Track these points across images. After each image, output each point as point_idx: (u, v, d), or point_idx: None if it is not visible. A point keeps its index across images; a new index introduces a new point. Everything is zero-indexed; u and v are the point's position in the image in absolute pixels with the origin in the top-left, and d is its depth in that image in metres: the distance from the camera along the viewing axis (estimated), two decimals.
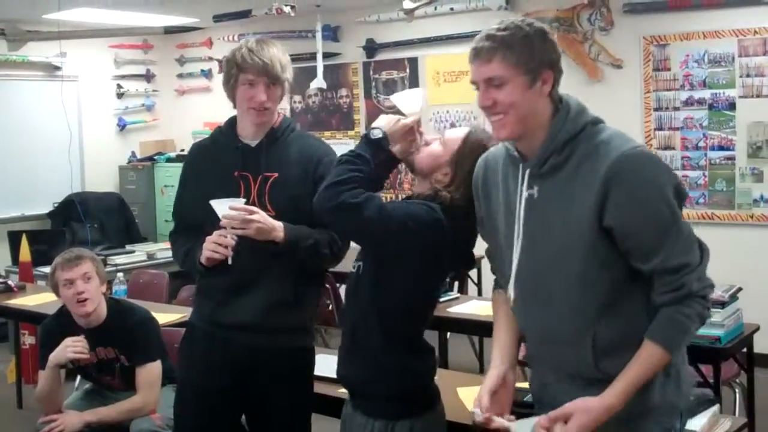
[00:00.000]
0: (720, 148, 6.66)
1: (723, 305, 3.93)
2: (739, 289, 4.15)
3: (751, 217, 6.59)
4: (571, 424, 2.22)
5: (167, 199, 8.78)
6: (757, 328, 4.33)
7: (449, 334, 5.45)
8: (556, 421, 2.24)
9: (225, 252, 3.00)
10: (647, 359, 2.23)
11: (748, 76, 6.50)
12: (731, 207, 6.62)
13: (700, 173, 6.75)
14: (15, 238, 7.55)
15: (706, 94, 6.68)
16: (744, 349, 4.32)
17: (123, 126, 9.63)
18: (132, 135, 9.71)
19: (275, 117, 3.23)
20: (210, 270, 3.11)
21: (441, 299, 5.13)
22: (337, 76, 8.72)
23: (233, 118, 3.27)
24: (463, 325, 5.06)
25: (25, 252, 6.99)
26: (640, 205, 2.19)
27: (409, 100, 2.86)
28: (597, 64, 7.16)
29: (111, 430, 3.99)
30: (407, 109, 2.81)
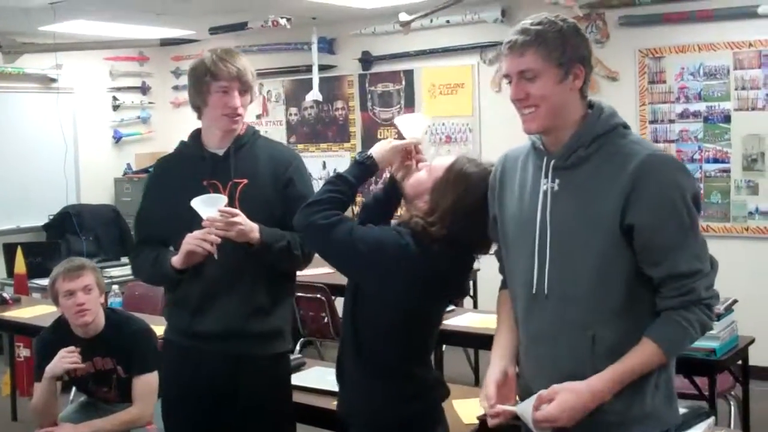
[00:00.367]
0: (715, 160, 6.66)
1: (718, 317, 3.93)
2: (735, 302, 4.15)
3: (746, 230, 6.60)
4: (554, 402, 2.22)
5: None
6: (753, 340, 4.33)
7: (445, 346, 5.45)
8: (544, 401, 2.24)
9: (210, 249, 2.99)
10: (641, 356, 2.23)
11: (743, 88, 6.50)
12: (726, 220, 6.62)
13: None
14: (10, 250, 7.54)
15: (701, 106, 6.69)
16: (739, 362, 4.32)
17: (118, 138, 9.62)
18: (127, 147, 9.69)
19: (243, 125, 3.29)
20: (181, 274, 3.10)
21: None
22: (333, 88, 8.71)
23: (197, 130, 3.32)
24: (459, 338, 5.04)
25: (21, 264, 7.00)
26: (663, 205, 2.21)
27: (412, 124, 2.90)
28: (593, 76, 7.14)
29: None
30: (408, 133, 2.84)
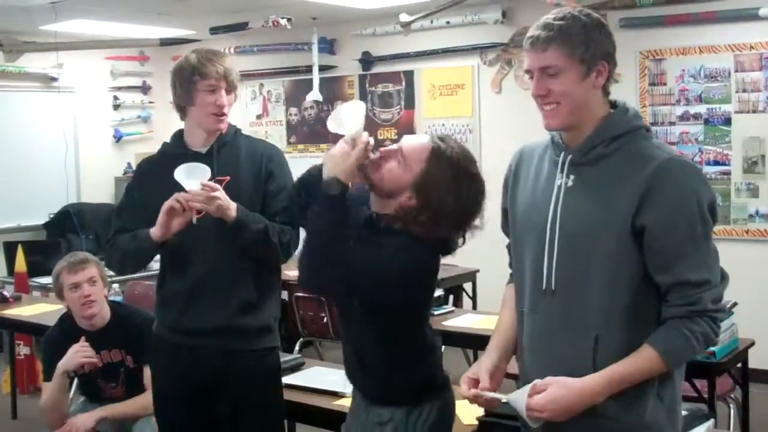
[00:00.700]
0: (716, 163, 6.67)
1: None
2: (735, 304, 4.15)
3: (747, 232, 6.60)
4: (544, 393, 2.19)
5: None
6: (752, 343, 4.34)
7: (444, 347, 5.44)
8: (538, 391, 2.21)
9: (185, 204, 3.02)
10: (640, 362, 2.19)
11: (744, 91, 6.51)
12: (727, 222, 6.61)
13: None
14: (11, 248, 7.55)
15: (701, 109, 6.70)
16: (739, 364, 4.32)
17: (119, 137, 9.62)
18: (128, 146, 9.68)
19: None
20: (159, 246, 3.13)
21: (436, 313, 5.15)
22: (333, 88, 8.71)
23: (179, 130, 3.41)
24: (458, 339, 5.05)
25: (21, 263, 7.01)
26: (678, 209, 2.18)
27: (346, 119, 2.57)
28: None
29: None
30: (348, 130, 2.54)
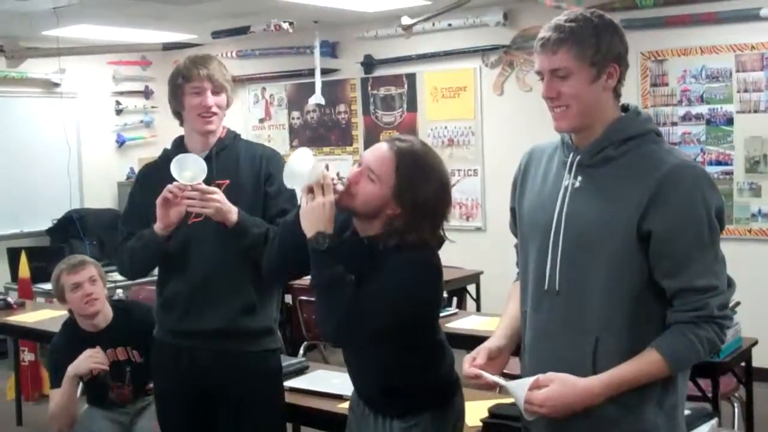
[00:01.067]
0: (718, 163, 6.67)
1: None
2: (738, 304, 4.13)
3: (749, 232, 6.60)
4: (545, 389, 2.18)
5: None
6: (756, 342, 4.33)
7: None
8: (539, 386, 2.20)
9: (177, 192, 3.06)
10: (644, 365, 2.17)
11: (745, 91, 6.51)
12: (729, 222, 6.57)
13: None
14: (14, 254, 7.54)
15: (703, 109, 6.70)
16: (742, 363, 4.32)
17: (122, 142, 9.62)
18: (131, 151, 9.68)
19: (221, 126, 3.35)
20: (167, 240, 3.15)
21: (440, 315, 5.13)
22: (336, 92, 8.72)
23: (180, 137, 3.44)
24: (462, 341, 5.02)
25: (25, 269, 7.00)
26: (686, 214, 2.16)
27: (298, 170, 2.52)
28: None
29: None
30: (307, 180, 2.48)
